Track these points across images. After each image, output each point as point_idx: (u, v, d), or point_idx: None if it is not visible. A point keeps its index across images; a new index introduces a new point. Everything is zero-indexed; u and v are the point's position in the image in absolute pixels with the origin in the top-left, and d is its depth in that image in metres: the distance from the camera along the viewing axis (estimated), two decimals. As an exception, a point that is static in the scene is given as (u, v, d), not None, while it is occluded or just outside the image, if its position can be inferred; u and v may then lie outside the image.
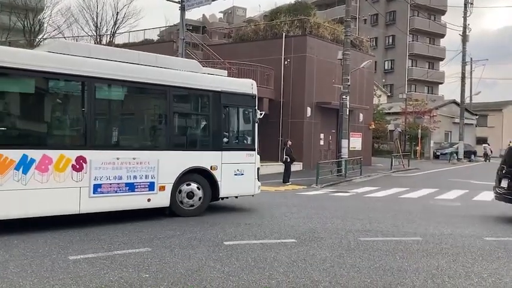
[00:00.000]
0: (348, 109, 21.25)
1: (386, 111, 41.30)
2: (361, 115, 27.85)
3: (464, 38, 37.24)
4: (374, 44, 52.11)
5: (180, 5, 19.70)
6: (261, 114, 10.51)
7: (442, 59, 58.89)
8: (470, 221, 9.84)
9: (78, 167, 7.76)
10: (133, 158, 8.37)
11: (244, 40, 26.56)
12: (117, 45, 31.51)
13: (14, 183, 7.14)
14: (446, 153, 37.70)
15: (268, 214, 9.53)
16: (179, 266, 5.72)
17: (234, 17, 59.97)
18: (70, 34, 41.13)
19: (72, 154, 7.72)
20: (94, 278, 5.15)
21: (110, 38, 39.26)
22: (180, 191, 9.07)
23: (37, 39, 44.67)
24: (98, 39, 38.87)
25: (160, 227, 7.99)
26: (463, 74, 37.34)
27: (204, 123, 9.85)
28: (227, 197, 10.04)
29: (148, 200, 8.57)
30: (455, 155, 36.33)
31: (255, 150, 10.20)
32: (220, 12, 64.18)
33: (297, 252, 6.59)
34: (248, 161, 10.02)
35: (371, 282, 5.34)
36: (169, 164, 8.78)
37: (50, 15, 46.44)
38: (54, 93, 8.21)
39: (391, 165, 25.55)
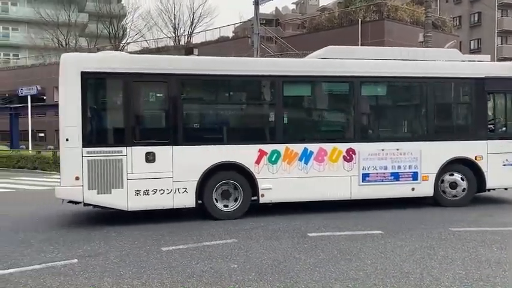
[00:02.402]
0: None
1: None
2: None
3: None
4: (458, 23, 48.96)
5: (253, 0, 19.87)
6: None
7: (537, 34, 53.84)
8: None
9: (348, 158, 8.69)
10: (397, 149, 8.89)
11: (319, 29, 26.26)
12: (195, 45, 32.57)
13: (298, 171, 8.46)
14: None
15: (350, 206, 9.34)
16: (265, 256, 5.83)
17: (307, 7, 59.24)
18: (151, 37, 43.22)
19: (343, 146, 8.69)
20: (186, 267, 5.41)
21: (187, 38, 40.71)
22: (442, 181, 9.24)
23: (121, 44, 47.43)
24: (177, 40, 40.44)
25: (244, 219, 8.17)
26: (563, 48, 33.90)
27: (466, 112, 9.77)
28: (494, 189, 9.62)
29: (412, 189, 8.98)
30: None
31: None
32: (293, 3, 63.79)
33: (384, 243, 6.43)
34: None
35: (466, 274, 5.08)
36: (431, 155, 9.01)
37: (132, 20, 49.12)
38: (327, 93, 9.32)
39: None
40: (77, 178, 7.58)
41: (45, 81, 38.39)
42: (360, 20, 23.52)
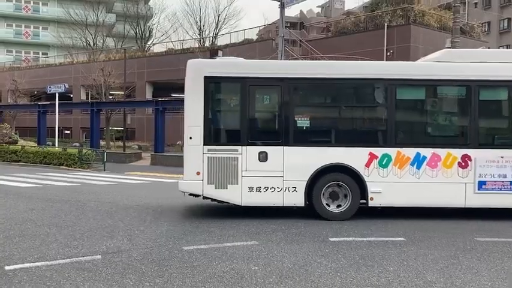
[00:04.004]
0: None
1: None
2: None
3: None
4: (487, 29, 48.01)
5: (279, 3, 19.89)
6: None
7: None
8: None
9: (463, 164, 8.49)
10: None
11: (344, 33, 26.12)
12: (219, 47, 32.76)
13: (410, 176, 8.42)
14: None
15: (371, 212, 9.23)
16: (286, 260, 5.82)
17: (332, 11, 58.98)
18: (176, 38, 43.71)
19: (458, 152, 8.49)
20: (207, 268, 5.43)
21: (212, 40, 41.01)
22: None
23: (147, 45, 48.01)
24: (202, 42, 40.75)
25: (265, 222, 8.16)
26: None
27: None
28: None
29: None
30: None
31: None
32: (318, 6, 63.57)
33: (407, 250, 6.34)
34: None
35: (491, 286, 4.97)
36: None
37: (158, 22, 49.85)
38: (443, 98, 9.08)
39: None
40: (198, 173, 8.26)
41: (73, 79, 39.26)
42: (386, 24, 23.30)
